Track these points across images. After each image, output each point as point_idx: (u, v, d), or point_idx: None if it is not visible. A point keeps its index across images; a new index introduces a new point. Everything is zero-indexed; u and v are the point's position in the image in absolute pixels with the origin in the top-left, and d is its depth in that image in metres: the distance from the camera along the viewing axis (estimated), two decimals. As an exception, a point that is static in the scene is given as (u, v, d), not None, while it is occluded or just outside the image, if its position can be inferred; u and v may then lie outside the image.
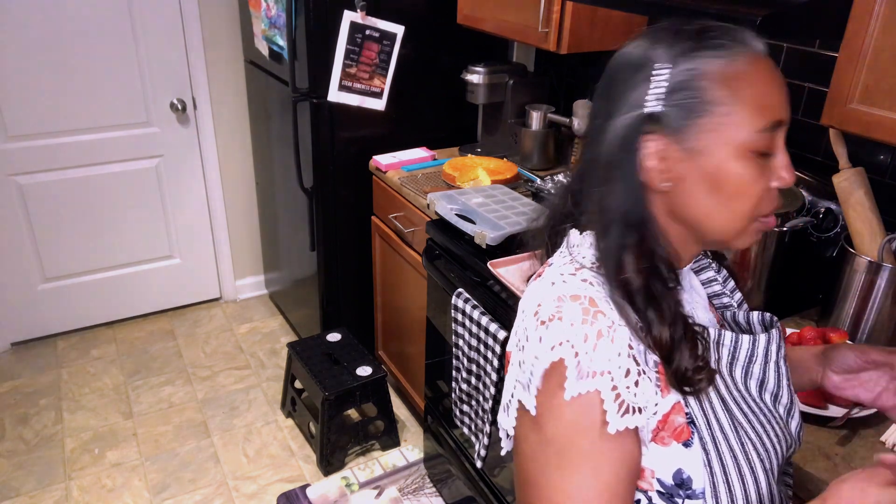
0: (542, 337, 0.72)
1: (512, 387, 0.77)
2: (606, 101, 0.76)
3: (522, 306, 0.79)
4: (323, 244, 2.50)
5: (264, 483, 2.28)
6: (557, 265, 0.80)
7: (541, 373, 0.71)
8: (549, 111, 2.26)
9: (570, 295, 0.73)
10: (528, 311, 0.76)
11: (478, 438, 1.78)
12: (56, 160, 2.71)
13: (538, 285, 0.79)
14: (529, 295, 0.79)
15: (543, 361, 0.71)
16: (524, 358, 0.74)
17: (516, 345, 0.78)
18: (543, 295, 0.75)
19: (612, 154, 0.74)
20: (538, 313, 0.74)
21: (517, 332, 0.78)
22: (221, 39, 2.82)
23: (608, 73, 0.77)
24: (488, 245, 1.70)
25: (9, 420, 2.52)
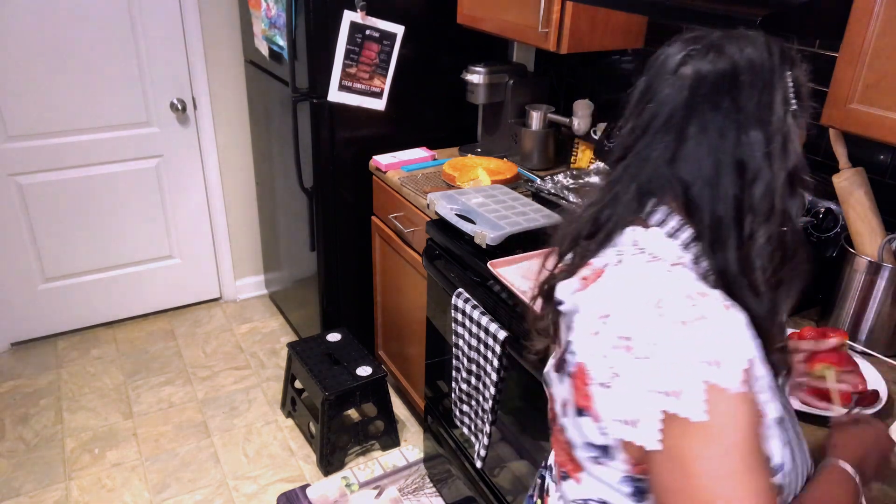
0: (689, 338, 0.68)
1: (642, 397, 0.70)
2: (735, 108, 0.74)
3: (601, 310, 0.76)
4: (323, 244, 2.50)
5: (264, 483, 2.28)
6: (634, 262, 0.77)
7: (704, 375, 0.67)
8: (549, 111, 2.26)
9: (698, 292, 0.72)
10: (635, 313, 0.72)
11: (478, 438, 1.78)
12: (56, 160, 2.71)
13: (627, 285, 0.75)
14: (615, 297, 0.75)
15: (704, 363, 0.67)
16: (658, 364, 0.69)
17: (623, 349, 0.72)
18: (651, 295, 0.72)
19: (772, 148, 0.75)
20: (665, 316, 0.70)
21: (613, 337, 0.73)
22: (221, 39, 2.82)
23: (724, 86, 0.75)
24: (488, 245, 1.70)
25: (9, 420, 2.52)
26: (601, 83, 2.26)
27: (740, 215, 0.74)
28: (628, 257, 0.79)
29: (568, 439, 0.85)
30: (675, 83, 0.76)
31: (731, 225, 0.74)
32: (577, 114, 2.17)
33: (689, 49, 0.77)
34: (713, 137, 0.74)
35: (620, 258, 0.79)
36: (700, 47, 0.77)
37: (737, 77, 0.74)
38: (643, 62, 0.85)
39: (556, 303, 0.86)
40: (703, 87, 0.75)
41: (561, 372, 0.84)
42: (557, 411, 0.88)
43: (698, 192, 0.75)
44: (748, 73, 0.74)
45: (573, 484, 0.87)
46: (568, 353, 0.82)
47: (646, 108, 0.79)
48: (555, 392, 0.89)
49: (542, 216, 1.80)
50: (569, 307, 0.83)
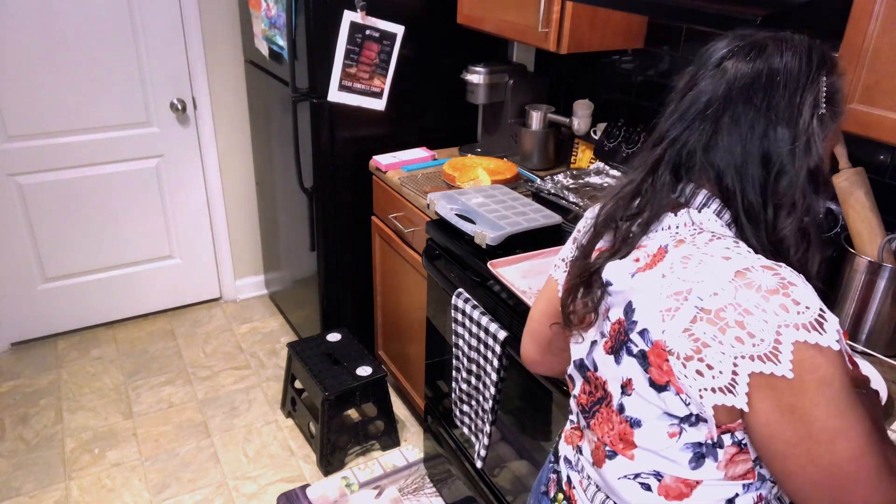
0: (782, 305, 0.73)
1: (731, 364, 0.75)
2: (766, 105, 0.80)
3: (676, 287, 0.79)
4: (323, 244, 2.50)
5: (264, 483, 2.28)
6: (700, 241, 0.81)
7: (799, 336, 0.73)
8: (549, 111, 2.26)
9: (767, 264, 0.77)
10: (720, 286, 0.76)
11: (478, 438, 1.78)
12: (56, 160, 2.71)
13: (702, 261, 0.79)
14: (691, 274, 0.79)
15: (803, 327, 0.73)
16: (751, 331, 0.74)
17: (708, 322, 0.76)
18: (732, 267, 0.76)
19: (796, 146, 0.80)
20: (754, 284, 0.75)
21: (696, 311, 0.77)
22: (221, 39, 2.82)
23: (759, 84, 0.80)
24: (488, 245, 1.70)
25: (9, 420, 2.52)
26: (601, 83, 2.26)
27: (766, 204, 0.81)
28: (689, 236, 0.83)
29: (627, 417, 0.88)
30: (715, 75, 0.83)
31: (760, 211, 0.81)
32: (577, 114, 2.17)
33: (734, 45, 0.83)
34: (744, 130, 0.81)
35: (679, 237, 0.83)
36: (744, 45, 0.83)
37: (772, 78, 0.80)
38: (643, 62, 0.87)
39: (604, 284, 0.88)
40: (740, 83, 0.81)
41: (619, 353, 0.87)
42: (613, 391, 0.90)
43: (730, 179, 0.82)
44: (783, 75, 0.80)
45: (624, 461, 0.90)
46: (630, 333, 0.84)
47: (685, 96, 0.86)
48: (607, 374, 0.91)
49: (542, 216, 1.80)
50: (623, 288, 0.86)
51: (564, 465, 1.05)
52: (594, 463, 0.96)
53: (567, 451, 1.05)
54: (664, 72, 2.02)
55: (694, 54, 1.76)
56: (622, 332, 0.86)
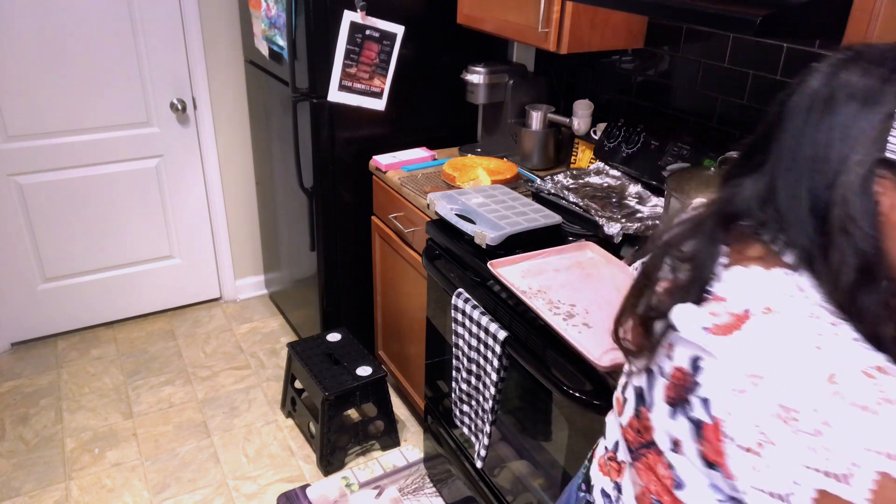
0: (869, 424, 0.62)
1: (796, 474, 0.65)
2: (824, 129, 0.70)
3: (758, 370, 0.68)
4: (323, 244, 2.50)
5: (264, 483, 2.28)
6: (794, 317, 0.69)
7: (880, 466, 0.62)
8: (549, 111, 2.26)
9: (876, 367, 0.64)
10: (802, 385, 0.65)
11: (478, 438, 1.78)
12: (56, 160, 2.71)
13: (788, 347, 0.67)
14: (773, 358, 0.68)
15: (884, 455, 0.62)
16: (828, 444, 0.63)
17: (779, 419, 0.66)
18: (823, 367, 0.65)
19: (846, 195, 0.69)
20: (845, 394, 0.63)
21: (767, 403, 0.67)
22: (221, 39, 2.82)
23: (822, 99, 0.70)
24: (488, 245, 1.70)
25: (9, 420, 2.52)
26: (601, 83, 2.26)
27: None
28: (781, 307, 0.70)
29: (675, 476, 0.80)
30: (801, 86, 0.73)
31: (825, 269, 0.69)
32: (577, 114, 2.17)
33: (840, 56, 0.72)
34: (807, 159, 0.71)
35: (768, 304, 0.71)
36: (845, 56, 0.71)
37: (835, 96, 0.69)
38: (643, 62, 0.84)
39: (671, 326, 0.78)
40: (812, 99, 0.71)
41: (676, 407, 0.78)
42: (661, 444, 0.81)
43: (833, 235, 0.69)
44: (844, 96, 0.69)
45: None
46: (692, 394, 0.75)
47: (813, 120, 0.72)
48: (658, 422, 0.82)
49: (542, 216, 1.80)
50: (691, 339, 0.75)
51: (601, 497, 0.96)
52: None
53: (604, 483, 0.96)
54: (664, 72, 2.02)
55: (694, 54, 1.75)
56: (684, 388, 0.76)
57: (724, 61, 1.83)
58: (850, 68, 0.70)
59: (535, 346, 1.49)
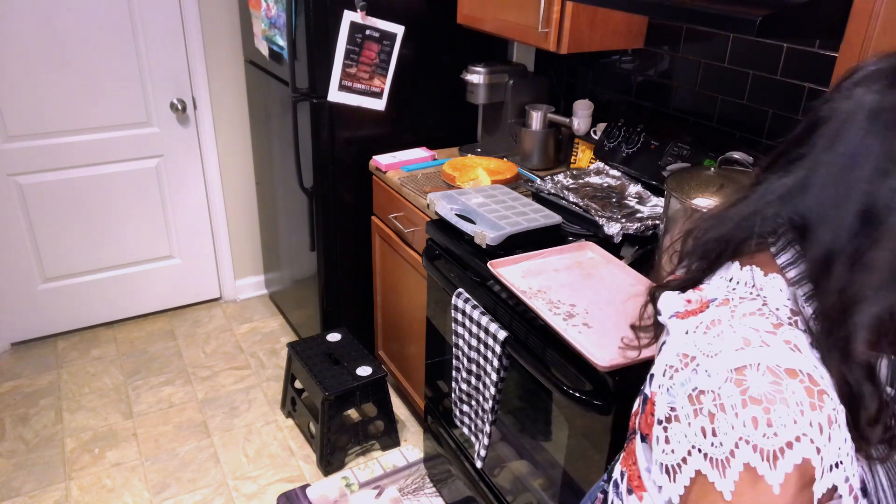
0: (754, 417, 0.64)
1: (685, 451, 0.69)
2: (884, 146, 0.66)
3: (686, 350, 0.72)
4: (323, 244, 2.50)
5: (264, 483, 2.28)
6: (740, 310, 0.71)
7: (750, 459, 0.65)
8: (549, 111, 2.26)
9: (786, 369, 0.65)
10: (716, 371, 0.67)
11: (478, 438, 1.78)
12: (56, 160, 2.71)
13: (721, 335, 0.70)
14: (705, 343, 0.70)
15: (757, 450, 0.64)
16: (717, 428, 0.66)
17: (689, 399, 0.69)
18: (739, 358, 0.67)
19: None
20: (743, 385, 0.65)
21: (686, 383, 0.70)
22: (221, 39, 2.82)
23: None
24: (488, 245, 1.70)
25: (9, 420, 2.52)
26: (601, 83, 2.26)
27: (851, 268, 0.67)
28: (736, 299, 0.73)
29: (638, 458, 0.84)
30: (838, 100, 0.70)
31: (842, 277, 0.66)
32: (577, 114, 2.17)
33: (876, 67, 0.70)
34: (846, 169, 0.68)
35: (728, 297, 0.74)
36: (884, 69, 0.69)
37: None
38: (643, 62, 0.84)
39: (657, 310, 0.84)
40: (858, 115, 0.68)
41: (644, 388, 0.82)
42: (635, 426, 0.86)
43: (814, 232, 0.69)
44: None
45: (635, 501, 0.84)
46: (649, 373, 0.80)
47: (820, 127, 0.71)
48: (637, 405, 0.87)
49: (542, 216, 1.80)
50: (665, 322, 0.80)
51: (612, 488, 0.97)
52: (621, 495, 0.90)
53: (616, 473, 0.97)
54: (664, 72, 2.02)
55: (694, 54, 1.76)
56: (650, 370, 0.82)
57: (724, 61, 1.83)
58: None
59: (535, 346, 1.49)
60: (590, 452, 1.42)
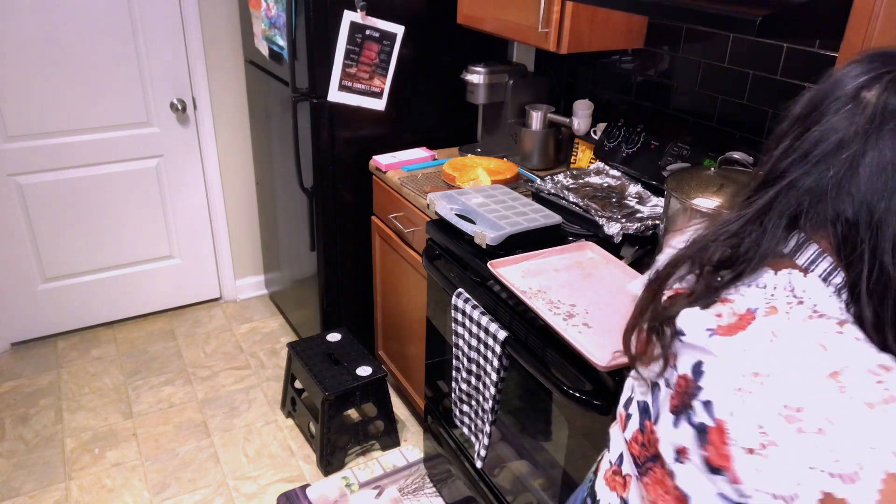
0: (876, 422, 0.60)
1: (800, 474, 0.63)
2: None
3: (755, 368, 0.67)
4: (323, 244, 2.50)
5: (264, 483, 2.28)
6: (795, 316, 0.68)
7: (887, 465, 0.60)
8: (549, 111, 2.26)
9: (878, 365, 0.63)
10: (805, 382, 0.64)
11: (478, 438, 1.78)
12: (56, 160, 2.71)
13: (791, 345, 0.66)
14: (775, 357, 0.67)
15: (891, 452, 0.60)
16: (832, 444, 0.62)
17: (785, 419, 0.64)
18: (826, 364, 0.64)
19: None
20: (846, 391, 0.62)
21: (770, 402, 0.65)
22: (221, 39, 2.82)
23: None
24: (488, 245, 1.70)
25: (9, 420, 2.52)
26: (601, 83, 2.26)
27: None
28: (784, 306, 0.70)
29: (680, 487, 0.77)
30: (852, 109, 0.68)
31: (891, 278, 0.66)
32: (577, 114, 2.17)
33: (878, 72, 0.69)
34: (889, 182, 0.66)
35: (773, 305, 0.70)
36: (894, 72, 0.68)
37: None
38: (643, 62, 0.83)
39: (677, 331, 0.77)
40: (891, 122, 0.66)
41: (680, 415, 0.75)
42: (665, 455, 0.79)
43: (862, 236, 0.67)
44: None
45: None
46: (695, 399, 0.73)
47: (809, 130, 0.71)
48: (664, 434, 0.79)
49: (542, 216, 1.80)
50: (696, 343, 0.74)
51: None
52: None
53: (611, 497, 0.94)
54: (664, 72, 2.02)
55: (694, 54, 1.76)
56: (687, 394, 0.74)
57: (724, 61, 1.83)
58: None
59: (535, 346, 1.49)
60: (590, 452, 1.41)
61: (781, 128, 0.76)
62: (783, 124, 0.76)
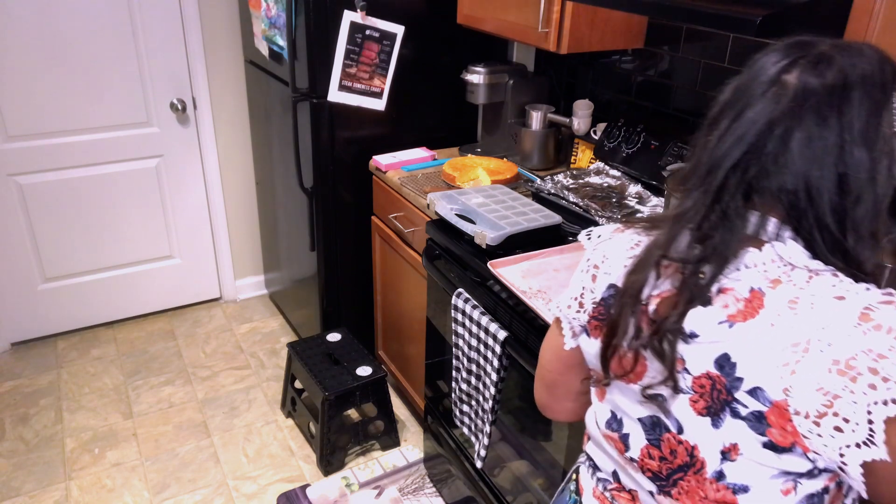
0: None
1: (865, 413, 0.67)
2: (841, 125, 0.73)
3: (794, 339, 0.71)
4: (323, 244, 2.50)
5: (264, 483, 2.28)
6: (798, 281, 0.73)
7: None
8: (549, 111, 2.26)
9: (885, 293, 0.71)
10: (843, 334, 0.68)
11: (478, 438, 1.78)
12: (56, 160, 2.71)
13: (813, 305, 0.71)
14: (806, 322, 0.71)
15: None
16: (887, 376, 0.66)
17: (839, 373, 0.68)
18: (851, 311, 0.69)
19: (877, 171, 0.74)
20: (882, 325, 0.67)
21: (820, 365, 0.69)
22: (221, 39, 2.82)
23: (833, 100, 0.73)
24: (488, 245, 1.70)
25: (9, 420, 2.52)
26: (601, 83, 2.26)
27: (844, 234, 0.74)
28: (783, 276, 0.74)
29: (730, 484, 0.78)
30: (777, 91, 0.74)
31: (839, 237, 0.74)
32: (577, 114, 2.17)
33: (794, 56, 0.75)
34: (817, 152, 0.73)
35: (772, 277, 0.75)
36: (808, 56, 0.74)
37: (847, 93, 0.72)
38: (643, 62, 0.84)
39: (688, 335, 0.78)
40: (810, 100, 0.72)
41: (719, 415, 0.76)
42: (707, 458, 0.79)
43: (804, 205, 0.74)
44: (859, 89, 0.72)
45: None
46: (736, 391, 0.74)
47: (741, 114, 0.76)
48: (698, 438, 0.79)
49: (542, 216, 1.80)
50: (715, 339, 0.76)
51: None
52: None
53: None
54: (664, 72, 2.02)
55: (694, 54, 1.76)
56: (722, 391, 0.75)
57: (724, 61, 1.83)
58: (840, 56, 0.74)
59: (535, 346, 1.49)
60: (590, 452, 1.41)
61: (712, 115, 0.80)
62: (713, 111, 0.80)
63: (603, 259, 0.89)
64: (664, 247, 0.80)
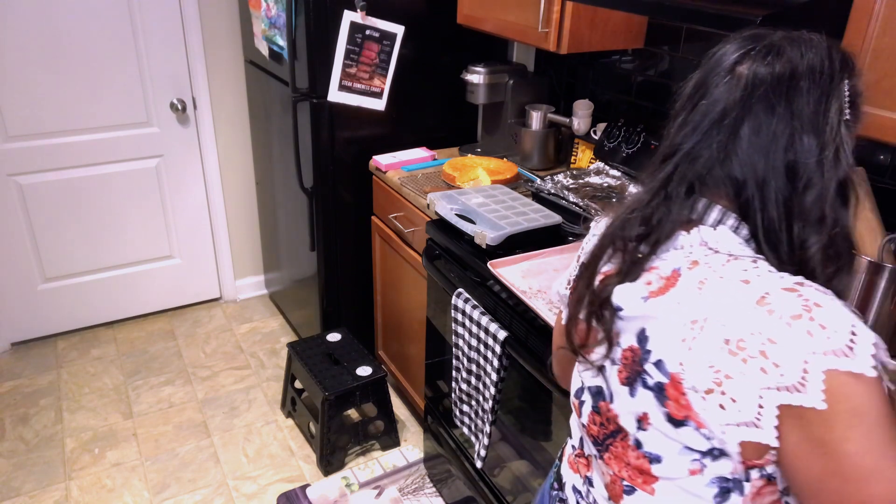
0: (807, 330, 0.68)
1: (756, 397, 0.70)
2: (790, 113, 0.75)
3: (693, 316, 0.74)
4: (323, 244, 2.50)
5: (264, 483, 2.28)
6: (714, 263, 0.76)
7: (828, 365, 0.67)
8: (549, 111, 2.26)
9: (796, 282, 0.72)
10: (739, 314, 0.71)
11: (478, 438, 1.78)
12: (56, 160, 2.71)
13: (718, 286, 0.74)
14: (707, 300, 0.74)
15: (831, 354, 0.67)
16: (775, 361, 0.68)
17: (729, 353, 0.71)
18: (751, 294, 0.71)
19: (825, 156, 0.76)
20: (774, 313, 0.69)
21: (714, 342, 0.72)
22: (221, 39, 2.82)
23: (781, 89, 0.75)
24: (488, 245, 1.70)
25: (9, 420, 2.52)
26: (601, 83, 2.26)
27: (791, 220, 0.76)
28: (703, 258, 0.78)
29: (646, 453, 0.83)
30: (730, 81, 0.77)
31: (782, 228, 0.76)
32: (577, 114, 2.17)
33: (747, 48, 0.78)
34: (766, 140, 0.75)
35: (693, 259, 0.78)
36: (759, 47, 0.77)
37: (795, 82, 0.74)
38: (643, 62, 0.85)
39: (615, 309, 0.83)
40: (760, 89, 0.75)
41: (633, 384, 0.81)
42: (627, 426, 0.85)
43: (750, 193, 0.76)
44: (807, 78, 0.75)
45: (644, 496, 0.85)
46: (645, 363, 0.79)
47: (697, 105, 0.80)
48: (620, 407, 0.85)
49: (542, 216, 1.80)
50: (635, 313, 0.81)
51: (573, 494, 0.99)
52: (610, 497, 0.91)
53: (574, 479, 0.99)
54: (664, 72, 2.02)
55: (694, 54, 1.76)
56: (636, 362, 0.81)
57: (724, 61, 1.83)
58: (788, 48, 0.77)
59: (535, 346, 1.49)
60: (590, 452, 1.41)
61: (676, 107, 0.84)
62: (677, 104, 0.84)
63: (582, 247, 0.99)
64: (617, 227, 0.85)
